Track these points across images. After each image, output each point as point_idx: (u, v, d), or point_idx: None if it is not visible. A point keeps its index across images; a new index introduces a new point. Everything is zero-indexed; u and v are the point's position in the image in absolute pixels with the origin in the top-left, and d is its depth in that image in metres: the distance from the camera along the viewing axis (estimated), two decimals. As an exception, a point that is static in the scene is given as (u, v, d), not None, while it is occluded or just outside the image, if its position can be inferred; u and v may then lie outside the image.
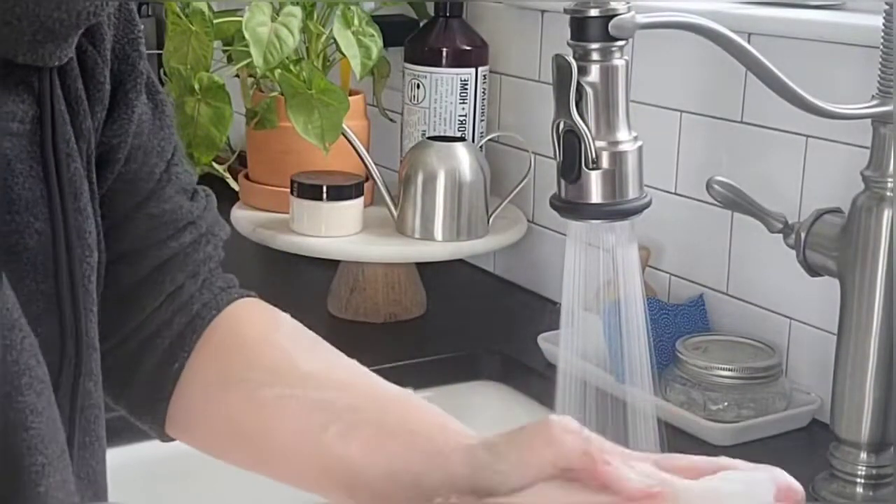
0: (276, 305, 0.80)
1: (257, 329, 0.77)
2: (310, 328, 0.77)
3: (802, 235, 0.97)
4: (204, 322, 0.76)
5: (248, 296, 0.80)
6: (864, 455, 0.96)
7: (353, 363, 0.75)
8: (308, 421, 0.70)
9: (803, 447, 1.08)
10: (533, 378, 1.22)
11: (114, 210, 0.73)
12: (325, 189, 1.32)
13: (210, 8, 1.34)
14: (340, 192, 1.32)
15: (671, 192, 1.27)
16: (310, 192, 1.32)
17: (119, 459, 1.09)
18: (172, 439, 0.79)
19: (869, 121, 0.93)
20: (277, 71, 1.31)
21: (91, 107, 0.69)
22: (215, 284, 0.79)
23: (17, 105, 0.63)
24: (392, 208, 1.36)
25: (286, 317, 0.78)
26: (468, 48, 1.44)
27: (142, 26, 0.74)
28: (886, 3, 0.88)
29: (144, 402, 0.77)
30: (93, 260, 0.68)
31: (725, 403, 1.09)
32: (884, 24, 0.91)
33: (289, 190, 1.34)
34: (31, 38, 0.61)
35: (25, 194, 0.63)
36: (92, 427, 0.71)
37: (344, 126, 1.32)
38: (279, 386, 0.72)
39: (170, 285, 0.76)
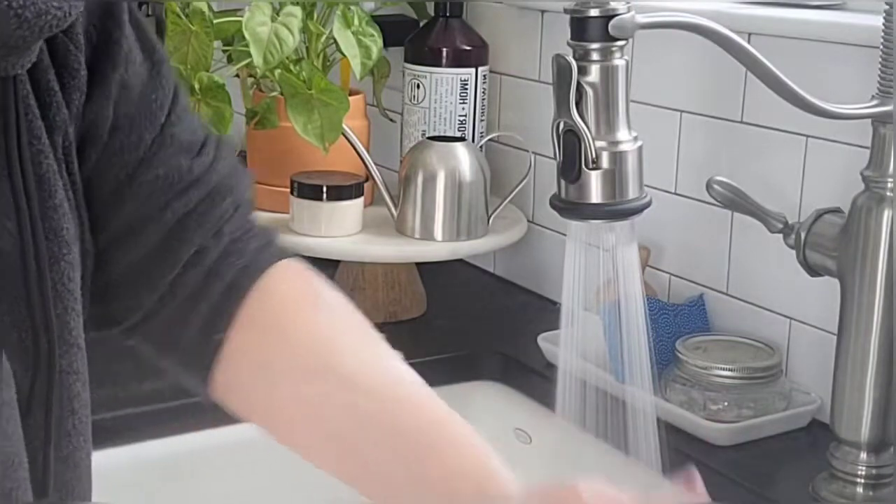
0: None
1: (296, 311, 0.74)
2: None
3: (802, 235, 0.97)
4: (241, 292, 0.73)
5: (285, 254, 0.76)
6: (864, 455, 0.96)
7: (394, 361, 0.73)
8: (346, 428, 0.70)
9: (803, 447, 1.07)
10: (533, 378, 1.22)
11: (106, 184, 0.72)
12: (324, 189, 1.32)
13: (210, 8, 1.34)
14: (340, 192, 1.32)
15: (671, 192, 1.27)
16: (310, 192, 1.32)
17: (119, 459, 1.09)
18: (214, 402, 0.77)
19: (869, 121, 0.93)
20: (277, 71, 1.31)
21: (67, 95, 0.68)
22: (249, 245, 0.75)
23: None
24: (392, 208, 1.36)
25: (324, 288, 0.76)
26: (468, 48, 1.44)
27: None
28: (886, 3, 0.88)
29: (188, 366, 0.76)
30: (71, 256, 0.68)
31: (725, 403, 1.09)
32: (884, 24, 0.91)
33: (289, 190, 1.33)
34: None
35: None
36: (76, 429, 0.70)
37: (344, 126, 1.32)
38: (320, 383, 0.71)
39: (186, 250, 0.73)
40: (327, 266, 1.41)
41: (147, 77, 0.73)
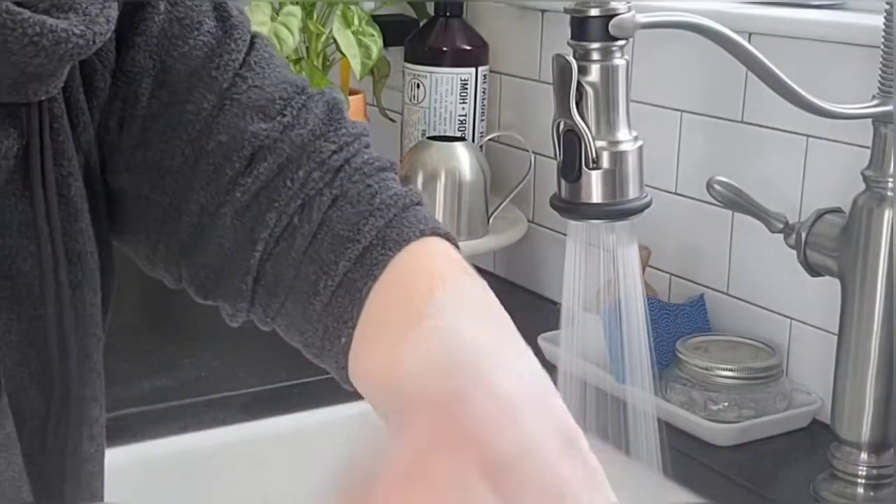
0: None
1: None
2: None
3: (803, 235, 0.97)
4: (362, 292, 0.61)
5: (428, 227, 0.64)
6: (864, 455, 0.96)
7: None
8: None
9: (804, 447, 1.07)
10: (533, 378, 1.22)
11: (171, 163, 0.66)
12: (325, 189, 1.31)
13: (210, 8, 1.33)
14: (340, 192, 1.32)
15: (671, 192, 1.26)
16: (310, 191, 1.32)
17: (119, 459, 1.09)
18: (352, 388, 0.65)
19: (869, 120, 0.93)
20: (277, 71, 1.31)
21: (93, 114, 0.66)
22: (364, 227, 0.63)
23: (2, 141, 0.60)
24: (392, 208, 1.36)
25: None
26: (468, 48, 1.44)
27: None
28: (886, 3, 0.88)
29: (323, 361, 0.65)
30: (94, 281, 0.66)
31: (726, 404, 1.08)
32: (884, 24, 0.91)
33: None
34: (12, 81, 0.59)
35: (18, 217, 0.62)
36: (93, 456, 0.69)
37: (344, 126, 1.32)
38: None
39: (262, 230, 0.64)
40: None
41: (215, 44, 0.68)
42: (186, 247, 0.67)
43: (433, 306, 0.58)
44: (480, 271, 0.62)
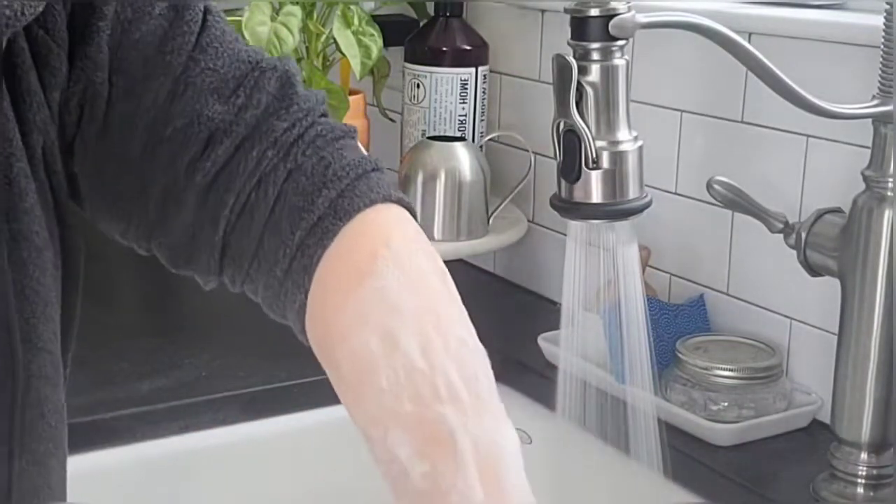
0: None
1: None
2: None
3: (803, 235, 0.97)
4: (313, 260, 0.65)
5: (386, 194, 0.67)
6: (864, 455, 0.96)
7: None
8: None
9: (804, 447, 1.07)
10: (533, 378, 1.22)
11: (133, 150, 0.68)
12: (324, 189, 1.31)
13: (210, 8, 1.33)
14: (340, 192, 1.32)
15: (671, 192, 1.26)
16: (310, 191, 1.32)
17: (119, 459, 1.09)
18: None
19: (869, 120, 0.93)
20: (277, 71, 1.31)
21: (49, 95, 0.66)
22: (317, 198, 0.66)
23: None
24: (392, 208, 1.36)
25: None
26: (468, 48, 1.44)
27: None
28: (887, 3, 0.88)
29: (282, 311, 0.69)
30: (41, 260, 0.66)
31: (726, 404, 1.08)
32: (884, 24, 0.91)
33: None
34: None
35: None
36: (47, 434, 0.68)
37: (344, 126, 1.32)
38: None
39: (222, 208, 0.67)
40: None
41: (167, 28, 0.69)
42: (153, 227, 0.70)
43: (373, 270, 0.62)
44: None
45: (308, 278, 0.65)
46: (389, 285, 0.62)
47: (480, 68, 1.44)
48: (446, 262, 0.67)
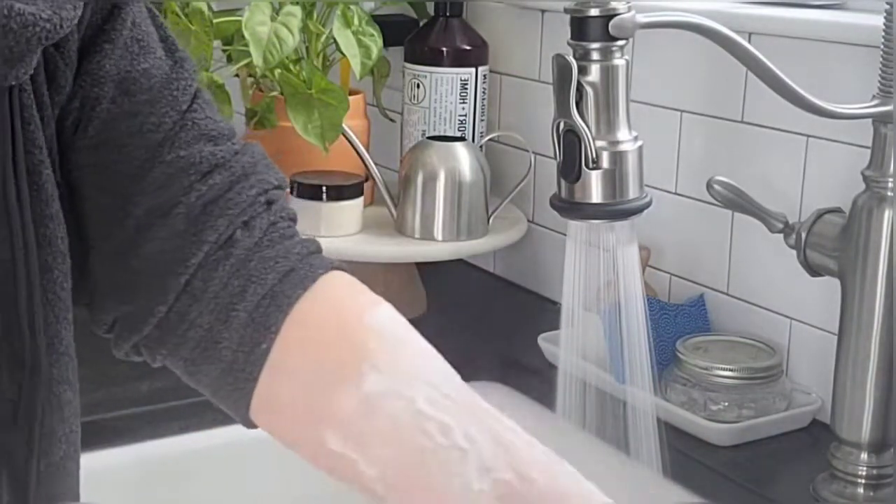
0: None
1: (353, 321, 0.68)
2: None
3: (803, 235, 0.97)
4: (290, 300, 0.67)
5: (336, 267, 0.71)
6: (864, 455, 0.96)
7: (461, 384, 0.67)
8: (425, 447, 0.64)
9: (804, 447, 1.07)
10: (533, 378, 1.22)
11: (126, 168, 0.69)
12: (324, 189, 1.31)
13: (210, 7, 1.33)
14: (340, 192, 1.32)
15: (671, 192, 1.27)
16: (309, 191, 1.32)
17: (119, 459, 1.09)
18: (256, 426, 0.71)
19: (869, 120, 0.93)
20: (277, 70, 1.31)
21: (54, 111, 0.68)
22: (292, 249, 0.70)
23: None
24: (392, 208, 1.36)
25: (385, 305, 0.70)
26: (468, 48, 1.44)
27: None
28: (887, 3, 0.88)
29: (224, 385, 0.69)
30: (65, 266, 0.67)
31: (726, 404, 1.08)
32: (884, 24, 0.91)
33: (288, 190, 1.33)
34: None
35: None
36: (67, 438, 0.69)
37: (344, 126, 1.32)
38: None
39: (211, 234, 0.68)
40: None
41: (169, 70, 0.72)
42: (122, 248, 0.70)
43: (368, 360, 0.66)
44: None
45: (282, 319, 0.68)
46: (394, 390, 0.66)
47: (480, 68, 1.44)
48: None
